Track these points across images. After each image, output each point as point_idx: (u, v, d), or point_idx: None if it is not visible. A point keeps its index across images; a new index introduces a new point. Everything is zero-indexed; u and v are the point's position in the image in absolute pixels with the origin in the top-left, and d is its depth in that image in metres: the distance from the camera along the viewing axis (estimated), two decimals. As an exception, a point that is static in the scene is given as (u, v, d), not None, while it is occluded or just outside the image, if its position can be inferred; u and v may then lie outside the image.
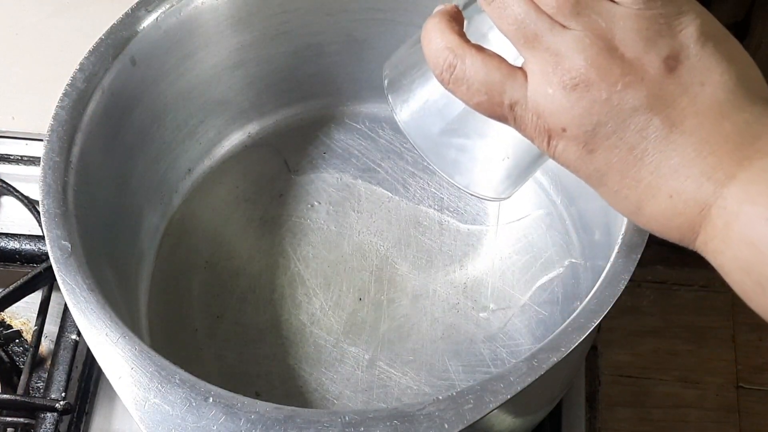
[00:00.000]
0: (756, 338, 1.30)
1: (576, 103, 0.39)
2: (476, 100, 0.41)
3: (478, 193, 0.48)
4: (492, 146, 0.47)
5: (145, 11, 0.58)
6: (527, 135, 0.41)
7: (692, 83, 0.39)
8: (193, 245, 0.65)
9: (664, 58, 0.39)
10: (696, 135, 0.39)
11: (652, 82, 0.39)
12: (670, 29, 0.39)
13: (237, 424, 0.43)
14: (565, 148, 0.40)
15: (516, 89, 0.40)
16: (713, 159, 0.38)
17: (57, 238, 0.50)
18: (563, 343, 0.46)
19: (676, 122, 0.39)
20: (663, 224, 0.40)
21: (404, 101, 0.47)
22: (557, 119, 0.40)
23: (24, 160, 0.71)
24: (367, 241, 0.65)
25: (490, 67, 0.41)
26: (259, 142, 0.70)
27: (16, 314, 0.66)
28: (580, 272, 0.62)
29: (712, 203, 0.38)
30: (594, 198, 0.60)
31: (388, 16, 0.66)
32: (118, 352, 0.46)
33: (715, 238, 0.39)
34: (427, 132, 0.47)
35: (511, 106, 0.41)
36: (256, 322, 0.62)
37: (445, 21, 0.42)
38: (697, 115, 0.39)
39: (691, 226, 0.39)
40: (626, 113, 0.39)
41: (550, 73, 0.39)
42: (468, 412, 0.44)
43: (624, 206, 0.41)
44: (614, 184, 0.40)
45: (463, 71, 0.41)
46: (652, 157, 0.39)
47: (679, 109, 0.39)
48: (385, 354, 0.60)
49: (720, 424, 1.24)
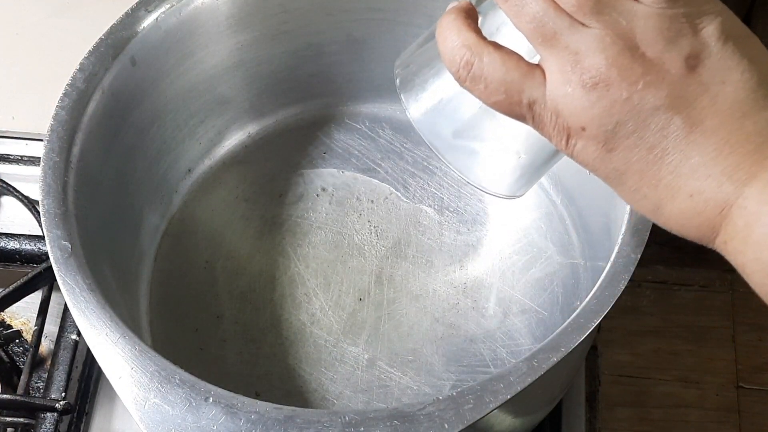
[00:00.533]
0: (756, 338, 1.30)
1: (596, 103, 0.39)
2: (494, 99, 0.41)
3: (491, 191, 0.48)
4: (506, 144, 0.47)
5: (145, 11, 0.58)
6: (545, 134, 0.41)
7: (713, 82, 0.39)
8: (193, 245, 0.65)
9: (685, 58, 0.39)
10: (717, 134, 0.38)
11: (673, 81, 0.39)
12: (692, 28, 0.39)
13: (237, 424, 0.43)
14: (584, 147, 0.40)
15: (535, 88, 0.40)
16: (734, 158, 0.38)
17: (57, 238, 0.50)
18: (563, 343, 0.46)
19: (697, 121, 0.39)
20: (683, 224, 0.40)
21: (417, 100, 0.47)
22: (576, 118, 0.39)
23: (24, 160, 0.71)
24: (367, 241, 0.65)
25: (508, 66, 0.40)
26: (259, 142, 0.70)
27: (16, 314, 0.66)
28: (580, 272, 0.62)
29: (733, 203, 0.38)
30: (594, 198, 0.60)
31: (388, 16, 0.66)
32: (118, 352, 0.46)
33: (735, 238, 0.39)
34: (441, 130, 0.47)
35: (530, 105, 0.40)
36: (256, 322, 0.62)
37: (461, 18, 0.42)
38: (718, 115, 0.38)
39: (711, 226, 0.39)
40: (646, 112, 0.39)
41: (569, 72, 0.39)
42: (468, 412, 0.44)
43: (643, 205, 0.41)
44: (633, 184, 0.40)
45: (481, 69, 0.41)
46: (672, 157, 0.39)
47: (699, 108, 0.39)
48: (385, 354, 0.60)
49: (720, 424, 1.24)
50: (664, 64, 0.39)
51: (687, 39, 0.39)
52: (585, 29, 0.39)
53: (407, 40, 0.66)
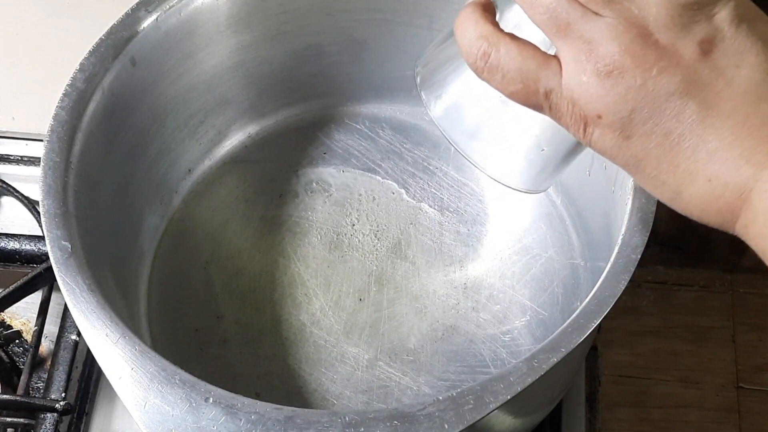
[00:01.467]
0: (756, 338, 1.30)
1: (611, 90, 0.39)
2: (511, 89, 0.41)
3: (513, 186, 0.48)
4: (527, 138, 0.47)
5: (145, 11, 0.58)
6: (563, 123, 0.41)
7: (728, 66, 0.39)
8: (193, 245, 0.65)
9: (698, 43, 0.39)
10: (733, 118, 0.38)
11: (687, 66, 0.39)
12: (704, 13, 0.39)
13: (237, 425, 0.43)
14: (601, 135, 0.40)
15: (551, 77, 0.40)
16: (751, 141, 0.38)
17: (57, 239, 0.50)
18: (563, 344, 0.46)
19: (713, 105, 0.38)
20: (703, 209, 0.40)
21: (437, 97, 0.47)
22: (592, 106, 0.40)
23: (24, 160, 0.71)
24: (367, 241, 0.65)
25: (525, 55, 0.41)
26: (259, 142, 0.70)
27: (16, 314, 0.66)
28: (580, 272, 0.62)
29: (752, 186, 0.38)
30: (594, 198, 0.60)
31: (388, 17, 0.66)
32: (118, 352, 0.46)
33: (756, 222, 0.38)
34: (461, 127, 0.47)
35: (546, 94, 0.41)
36: (256, 322, 0.62)
37: (478, 11, 0.42)
38: (734, 98, 0.38)
39: (731, 210, 0.39)
40: (662, 98, 0.39)
41: (583, 61, 0.39)
42: (468, 413, 0.44)
43: (662, 192, 0.41)
44: (652, 170, 0.40)
45: (498, 60, 0.41)
46: (689, 142, 0.39)
47: (714, 92, 0.39)
48: (385, 354, 0.60)
49: (720, 424, 1.24)
50: (678, 50, 0.39)
51: (700, 25, 0.39)
52: (598, 18, 0.39)
53: (407, 40, 0.67)
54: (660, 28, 0.39)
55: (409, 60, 0.67)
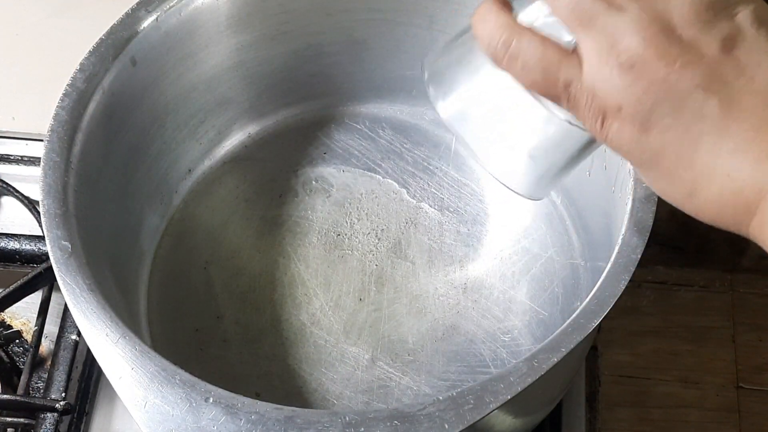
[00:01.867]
0: (756, 338, 1.30)
1: (633, 83, 0.39)
2: (531, 78, 0.41)
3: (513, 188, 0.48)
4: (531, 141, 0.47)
5: (145, 11, 0.58)
6: (580, 116, 0.41)
7: (749, 64, 0.39)
8: (193, 245, 0.65)
9: (721, 40, 0.39)
10: (754, 115, 0.38)
11: (709, 62, 0.39)
12: (726, 13, 0.39)
13: (237, 425, 0.43)
14: (619, 128, 0.40)
15: (571, 68, 0.40)
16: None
17: (57, 239, 0.50)
18: (563, 344, 0.46)
19: (734, 102, 0.38)
20: (718, 207, 0.40)
21: (446, 94, 0.47)
22: (613, 99, 0.39)
23: (24, 160, 0.71)
24: (367, 241, 0.65)
25: (546, 45, 0.41)
26: (259, 142, 0.70)
27: (16, 314, 0.66)
28: (580, 272, 0.62)
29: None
30: (594, 198, 0.60)
31: (388, 17, 0.66)
32: (119, 352, 0.46)
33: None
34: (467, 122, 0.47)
35: (566, 85, 0.41)
36: (256, 322, 0.62)
37: (498, 4, 0.42)
38: (755, 96, 0.38)
39: (747, 208, 0.39)
40: (683, 93, 0.39)
41: (605, 53, 0.39)
42: (468, 413, 0.44)
43: (675, 189, 0.41)
44: (669, 165, 0.40)
45: (519, 48, 0.41)
46: (709, 137, 0.39)
47: (736, 89, 0.39)
48: (385, 354, 0.60)
49: (720, 424, 1.24)
50: (701, 46, 0.39)
51: (723, 22, 0.39)
52: (622, 12, 0.39)
53: (407, 40, 0.67)
54: (684, 24, 0.39)
55: (409, 60, 0.68)
